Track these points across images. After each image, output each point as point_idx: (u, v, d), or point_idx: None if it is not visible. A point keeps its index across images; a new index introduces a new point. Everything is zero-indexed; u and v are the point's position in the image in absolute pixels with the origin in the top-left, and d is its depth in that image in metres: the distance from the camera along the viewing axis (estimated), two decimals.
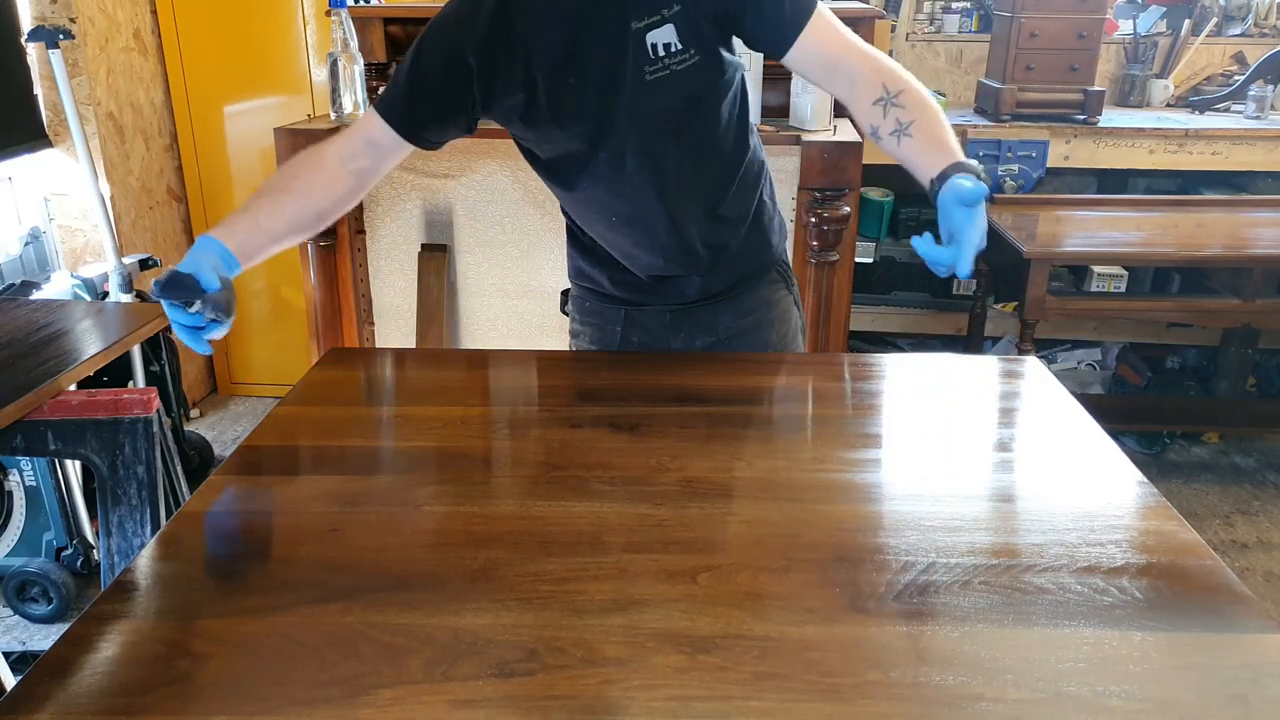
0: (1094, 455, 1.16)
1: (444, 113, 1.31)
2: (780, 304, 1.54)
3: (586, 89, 1.28)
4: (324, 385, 1.38)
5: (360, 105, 2.31)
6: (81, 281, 2.57)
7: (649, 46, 1.25)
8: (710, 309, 1.50)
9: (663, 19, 1.24)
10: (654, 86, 1.27)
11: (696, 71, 1.28)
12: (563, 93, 1.28)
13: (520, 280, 2.43)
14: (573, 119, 1.30)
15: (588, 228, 1.46)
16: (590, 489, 1.07)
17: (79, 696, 0.76)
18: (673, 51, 1.26)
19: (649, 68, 1.26)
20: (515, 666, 0.79)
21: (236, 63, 3.16)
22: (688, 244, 1.42)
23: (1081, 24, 2.87)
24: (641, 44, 1.25)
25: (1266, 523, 2.76)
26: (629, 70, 1.26)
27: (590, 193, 1.39)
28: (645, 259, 1.44)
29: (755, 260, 1.51)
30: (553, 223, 2.37)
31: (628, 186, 1.35)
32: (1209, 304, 2.67)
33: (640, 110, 1.29)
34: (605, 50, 1.26)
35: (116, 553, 1.60)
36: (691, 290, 1.48)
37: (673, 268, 1.45)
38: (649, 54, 1.25)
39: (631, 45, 1.25)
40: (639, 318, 1.52)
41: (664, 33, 1.25)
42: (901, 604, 0.87)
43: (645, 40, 1.25)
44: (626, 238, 1.42)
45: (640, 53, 1.25)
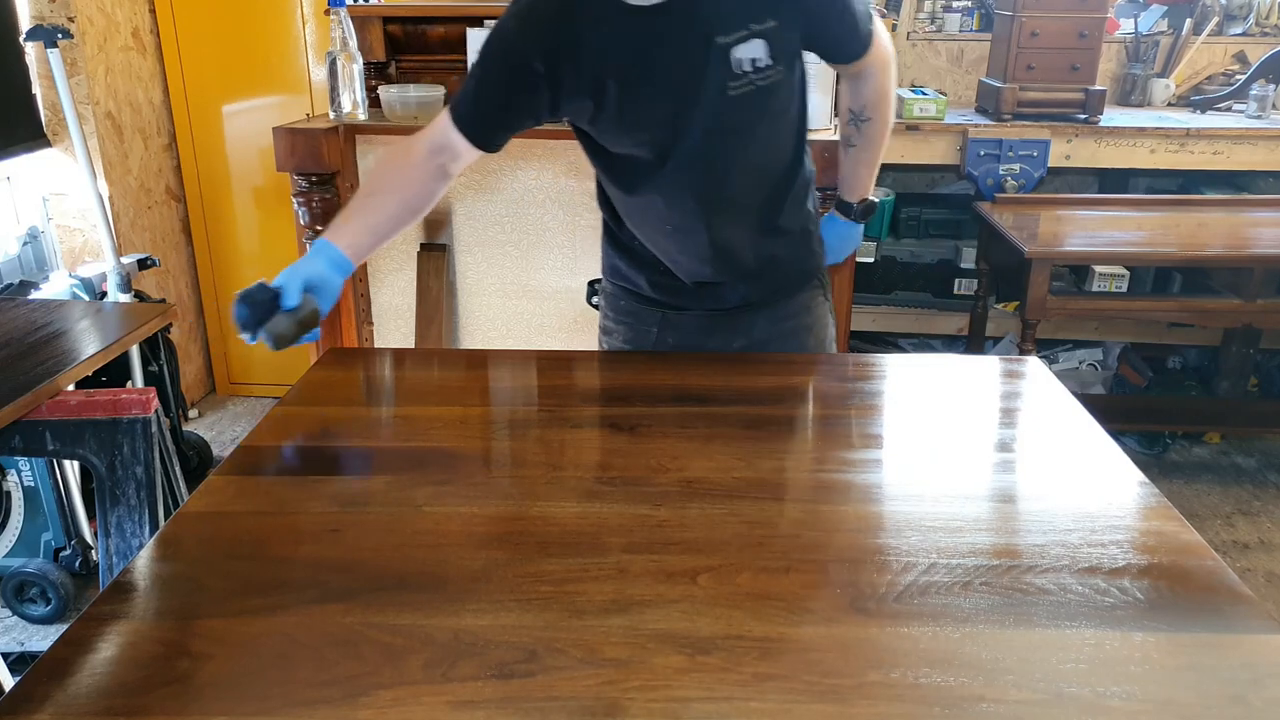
0: (1095, 455, 1.16)
1: (513, 119, 1.34)
2: (817, 310, 1.55)
3: (660, 100, 1.27)
4: (323, 385, 1.38)
5: (360, 104, 2.31)
6: (80, 281, 2.56)
7: (734, 61, 1.24)
8: (749, 314, 1.50)
9: (751, 34, 1.24)
10: (736, 101, 1.26)
11: (779, 86, 1.29)
12: (634, 102, 1.27)
13: (520, 280, 2.43)
14: (642, 128, 1.30)
15: (638, 231, 1.45)
16: (590, 489, 1.06)
17: (78, 697, 0.76)
18: (760, 67, 1.25)
19: (732, 83, 1.25)
20: (515, 667, 0.78)
21: (235, 62, 3.16)
22: (739, 255, 1.42)
23: (1083, 23, 2.87)
24: (726, 59, 1.24)
25: (1268, 523, 2.76)
26: (709, 85, 1.25)
27: (649, 199, 1.38)
28: (693, 266, 1.44)
29: (799, 268, 1.51)
30: (553, 222, 2.37)
31: (689, 198, 1.35)
32: (1210, 304, 2.67)
33: (717, 125, 1.28)
34: (683, 64, 1.24)
35: (115, 553, 1.60)
36: (734, 297, 1.48)
37: (720, 276, 1.45)
38: (733, 69, 1.24)
39: (714, 60, 1.23)
40: (675, 320, 1.52)
41: (752, 48, 1.24)
42: (902, 605, 0.86)
43: (730, 55, 1.24)
44: (677, 245, 1.41)
45: (723, 68, 1.24)
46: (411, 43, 2.51)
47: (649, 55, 1.25)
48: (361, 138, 2.34)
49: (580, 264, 2.38)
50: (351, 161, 2.35)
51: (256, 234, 3.36)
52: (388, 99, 2.31)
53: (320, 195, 2.29)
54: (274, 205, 3.30)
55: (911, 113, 2.96)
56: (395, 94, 2.30)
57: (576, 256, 2.39)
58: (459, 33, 2.34)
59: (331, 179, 2.30)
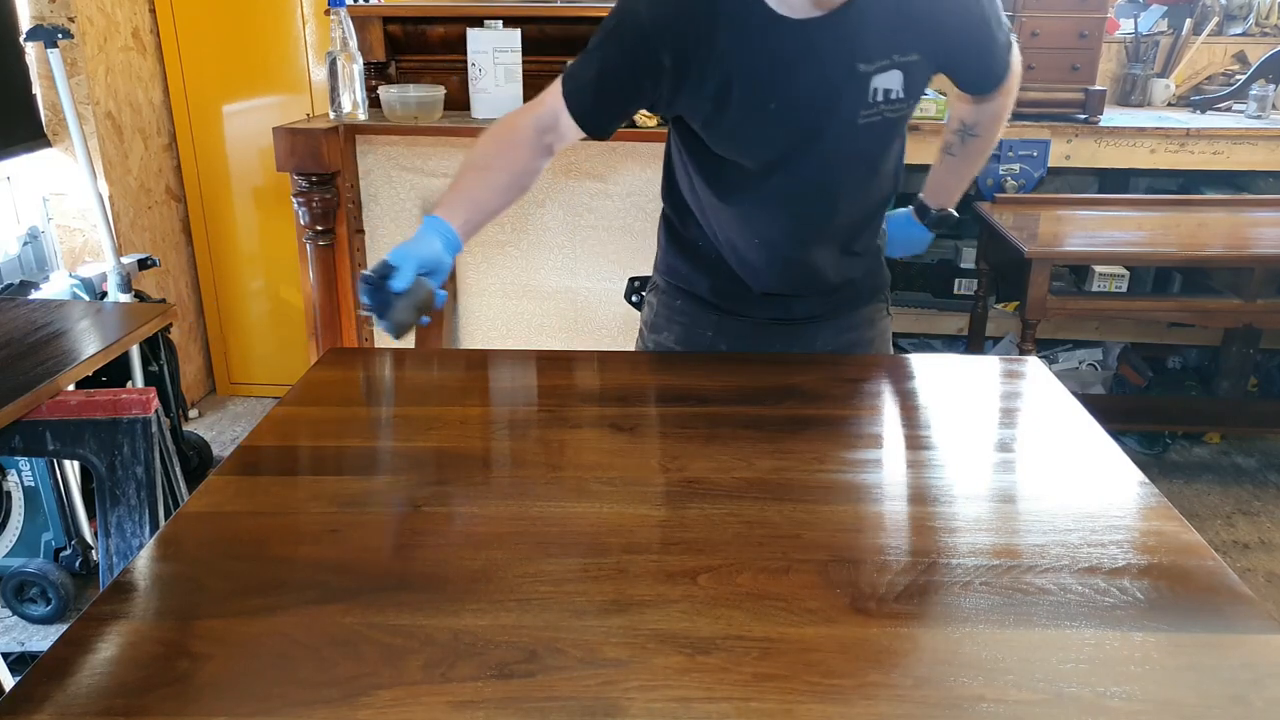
0: (1095, 455, 1.15)
1: (630, 108, 1.30)
2: (879, 323, 1.53)
3: (787, 118, 1.23)
4: (323, 385, 1.38)
5: (360, 104, 2.31)
6: (80, 281, 2.56)
7: (870, 90, 1.21)
8: (812, 326, 1.48)
9: (893, 64, 1.21)
10: (863, 131, 1.24)
11: (903, 119, 1.27)
12: (759, 115, 1.23)
13: (520, 280, 2.43)
14: (760, 142, 1.26)
15: (719, 234, 1.40)
16: (590, 489, 1.06)
17: (78, 697, 0.76)
18: (892, 99, 1.23)
19: (864, 111, 1.22)
20: (515, 668, 0.78)
21: (235, 62, 3.16)
22: (822, 273, 1.40)
23: (1083, 23, 2.87)
24: (864, 87, 1.21)
25: (1268, 523, 2.76)
26: (841, 110, 1.22)
27: (744, 210, 1.35)
28: (770, 279, 1.41)
29: (870, 285, 1.50)
30: (553, 222, 2.37)
31: (788, 216, 1.33)
32: (1210, 304, 2.67)
33: (838, 151, 1.26)
34: (819, 85, 1.21)
35: (115, 553, 1.60)
36: (802, 310, 1.46)
37: (795, 290, 1.43)
38: (868, 98, 1.22)
39: (851, 86, 1.21)
40: (734, 326, 1.48)
41: (890, 78, 1.22)
42: (902, 605, 0.86)
43: (869, 84, 1.21)
44: (760, 257, 1.38)
45: (859, 96, 1.21)
46: (411, 43, 2.51)
47: (786, 70, 1.20)
48: (361, 138, 2.34)
49: (580, 264, 2.38)
50: (351, 161, 2.35)
51: (256, 234, 3.37)
52: (388, 99, 2.31)
53: (320, 195, 2.29)
54: (274, 205, 3.30)
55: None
56: (395, 94, 2.30)
57: (576, 256, 2.39)
58: (459, 33, 2.34)
59: (331, 179, 2.30)
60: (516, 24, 2.31)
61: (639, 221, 2.32)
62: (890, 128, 1.27)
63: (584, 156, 2.29)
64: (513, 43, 2.27)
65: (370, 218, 2.41)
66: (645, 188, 2.29)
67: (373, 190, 2.39)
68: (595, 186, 2.32)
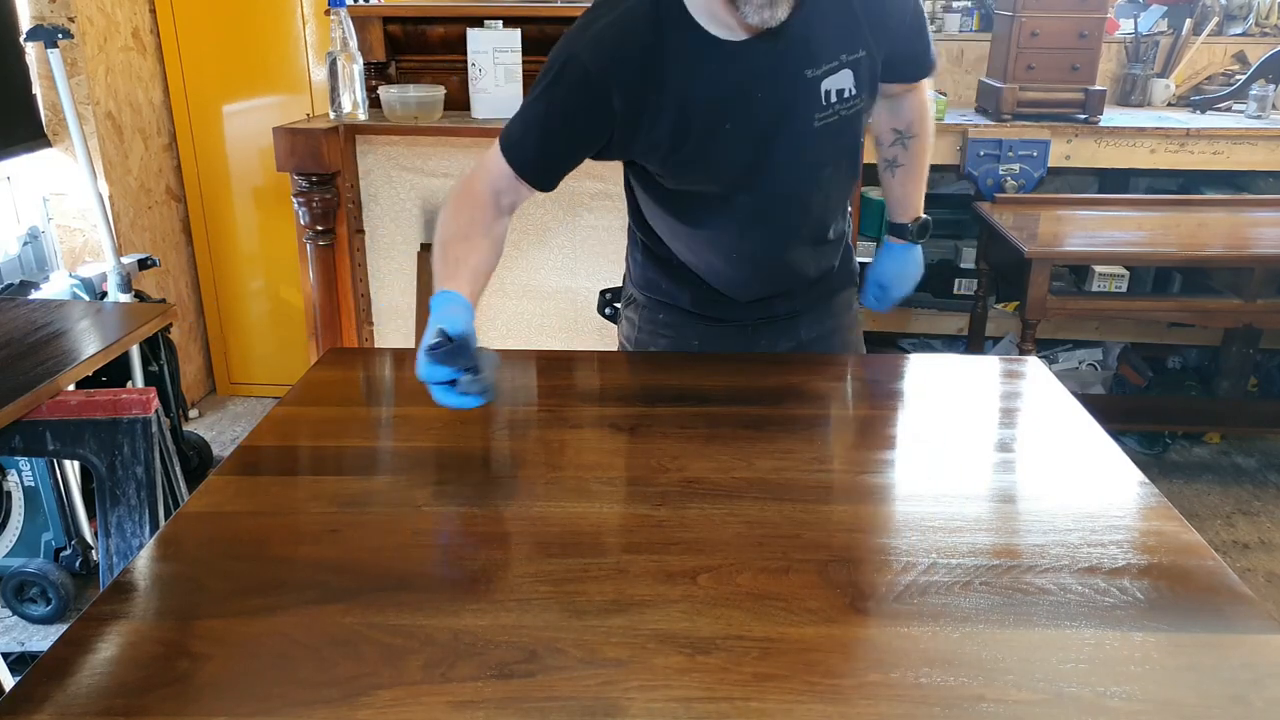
0: (1095, 455, 1.16)
1: (576, 157, 1.27)
2: (853, 308, 1.57)
3: (744, 137, 1.23)
4: (323, 385, 1.38)
5: (360, 105, 2.30)
6: (80, 281, 2.57)
7: (822, 93, 1.21)
8: (793, 320, 1.50)
9: (841, 64, 1.21)
10: (820, 133, 1.24)
11: (860, 114, 1.26)
12: (716, 141, 1.22)
13: (520, 280, 2.43)
14: (720, 166, 1.25)
15: (692, 256, 1.40)
16: (590, 489, 1.06)
17: (78, 697, 0.76)
18: (845, 97, 1.23)
19: (819, 114, 1.22)
20: (515, 668, 0.78)
21: (235, 62, 3.16)
22: (802, 270, 1.42)
23: (1083, 23, 2.87)
24: (815, 92, 1.21)
25: (1268, 523, 2.76)
26: (796, 118, 1.22)
27: (716, 232, 1.35)
28: (751, 286, 1.43)
29: (843, 270, 1.52)
30: (553, 222, 2.37)
31: (761, 228, 1.33)
32: (1210, 304, 2.67)
33: (799, 158, 1.26)
34: (771, 98, 1.20)
35: (115, 553, 1.60)
36: (784, 308, 1.47)
37: (778, 290, 1.44)
38: (820, 101, 1.22)
39: (802, 93, 1.21)
40: (719, 331, 1.49)
41: (841, 78, 1.22)
42: (902, 605, 0.86)
43: (820, 88, 1.21)
44: (739, 271, 1.39)
45: (812, 100, 1.21)
46: (411, 43, 2.51)
47: (736, 90, 1.19)
48: (361, 138, 2.34)
49: (580, 264, 2.38)
50: (351, 162, 2.35)
51: (256, 234, 3.37)
52: (388, 99, 2.31)
53: (320, 195, 2.29)
54: (274, 205, 3.30)
55: None
56: (395, 94, 2.30)
57: (576, 256, 2.39)
58: (459, 33, 2.34)
59: (331, 179, 2.30)
60: (516, 24, 2.31)
61: None
62: (848, 124, 1.26)
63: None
64: (513, 43, 2.27)
65: (370, 218, 2.41)
66: None
67: (373, 190, 2.39)
68: (595, 186, 2.32)
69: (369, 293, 2.47)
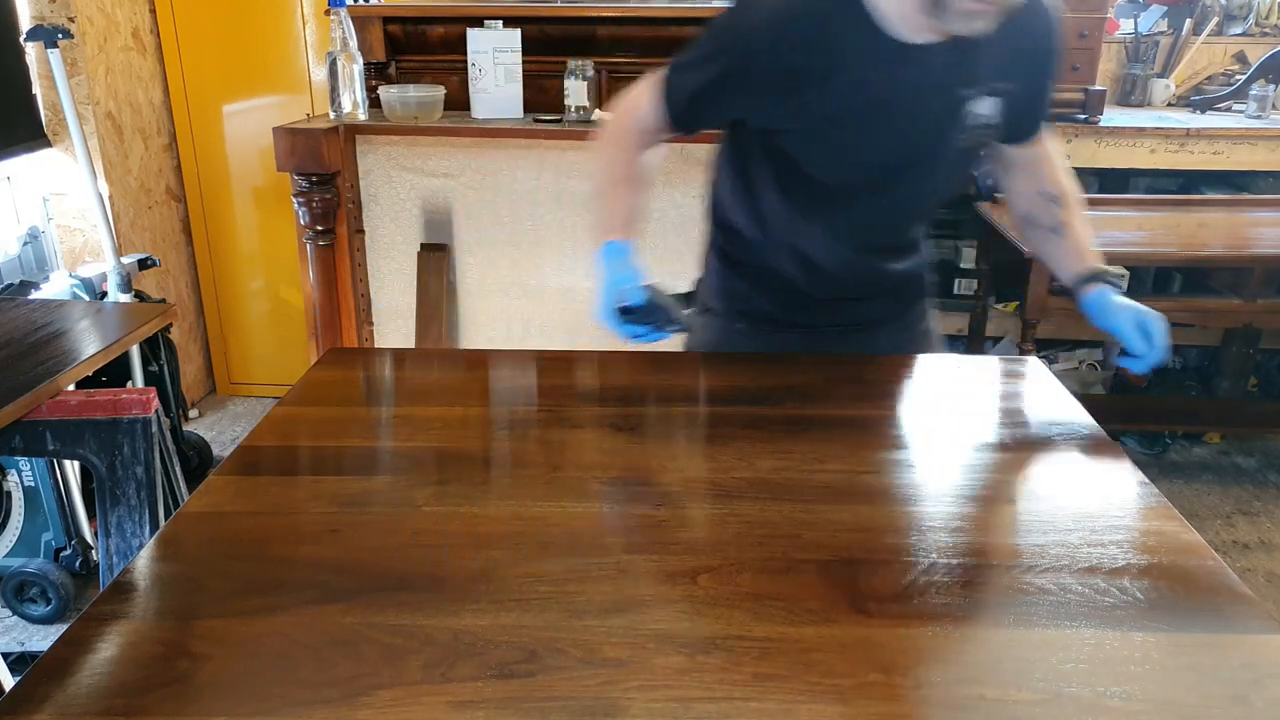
0: (1095, 455, 1.16)
1: (726, 116, 1.32)
2: (929, 318, 1.57)
3: (892, 139, 1.25)
4: (323, 385, 1.38)
5: (360, 105, 2.30)
6: (80, 281, 2.57)
7: (970, 115, 1.24)
8: (876, 328, 1.49)
9: (991, 91, 1.24)
10: (956, 155, 1.27)
11: (988, 143, 1.30)
12: (867, 135, 1.24)
13: (520, 280, 2.43)
14: (860, 164, 1.28)
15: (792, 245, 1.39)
16: (590, 489, 1.06)
17: (78, 697, 0.76)
18: (985, 125, 1.25)
19: (961, 136, 1.25)
20: (515, 668, 0.78)
21: (236, 62, 3.16)
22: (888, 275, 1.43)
23: (1083, 23, 2.87)
24: (962, 112, 1.24)
25: (1268, 523, 2.76)
26: (943, 134, 1.25)
27: (827, 226, 1.35)
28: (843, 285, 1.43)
29: (922, 279, 1.52)
30: (553, 222, 2.37)
31: (866, 234, 1.36)
32: (1210, 304, 2.67)
33: (930, 174, 1.29)
34: (926, 112, 1.23)
35: (115, 553, 1.60)
36: (868, 313, 1.47)
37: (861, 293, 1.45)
38: (964, 123, 1.24)
39: (953, 112, 1.23)
40: (798, 340, 1.48)
41: (987, 104, 1.24)
42: (902, 605, 0.86)
43: (968, 109, 1.23)
44: (835, 266, 1.40)
45: (958, 120, 1.24)
46: (411, 43, 2.51)
47: (895, 93, 1.21)
48: (361, 138, 2.34)
49: (580, 264, 2.38)
50: (351, 161, 2.35)
51: (256, 234, 3.37)
52: (388, 99, 2.31)
53: (320, 195, 2.29)
54: (274, 205, 3.30)
55: None
56: (395, 94, 2.30)
57: (576, 256, 2.39)
58: (459, 33, 2.34)
59: (331, 179, 2.30)
60: (516, 24, 2.31)
61: None
62: (978, 149, 1.31)
63: (584, 156, 2.29)
64: (513, 43, 2.27)
65: (370, 218, 2.41)
66: None
67: (373, 190, 2.39)
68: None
69: (369, 293, 2.47)
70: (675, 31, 2.42)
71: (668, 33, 2.43)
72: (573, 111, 2.27)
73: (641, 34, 2.45)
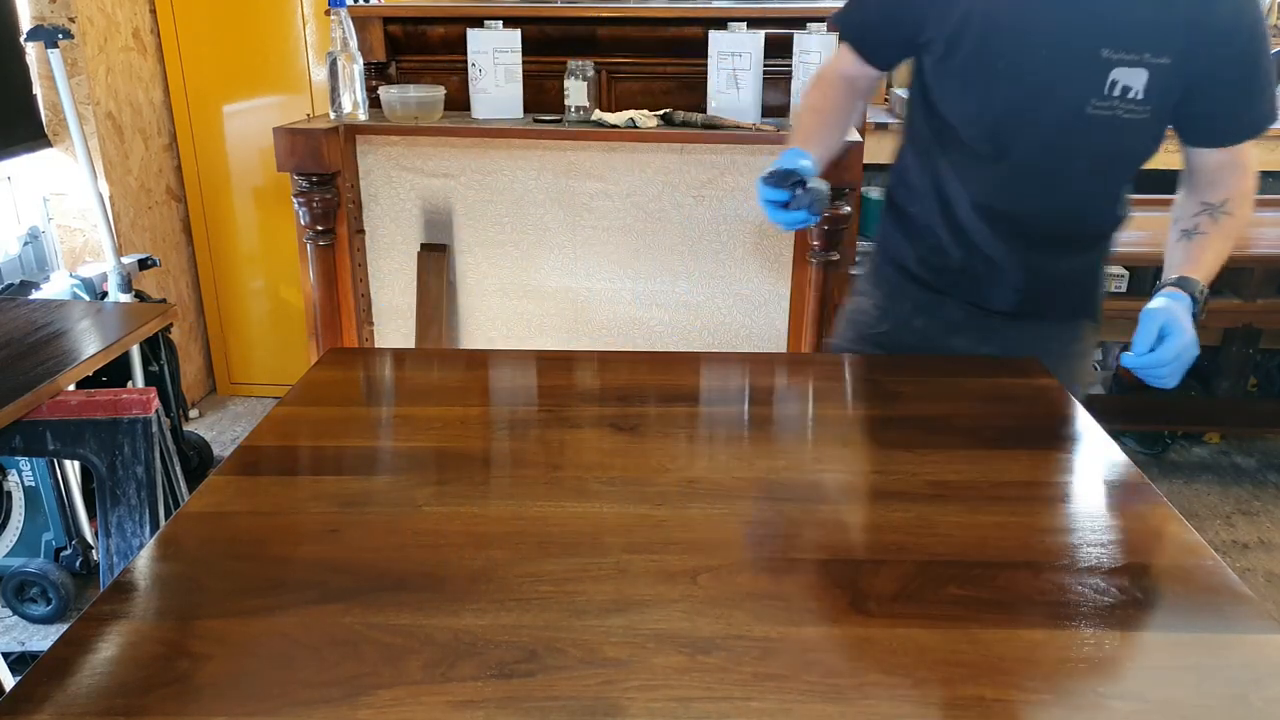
0: (1094, 455, 1.16)
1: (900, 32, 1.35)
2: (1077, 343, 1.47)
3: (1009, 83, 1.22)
4: (323, 385, 1.38)
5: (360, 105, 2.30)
6: (80, 281, 2.57)
7: (1108, 81, 1.18)
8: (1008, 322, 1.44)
9: (1140, 61, 1.16)
10: (1090, 122, 1.21)
11: (1141, 127, 1.21)
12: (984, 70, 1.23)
13: (520, 280, 2.43)
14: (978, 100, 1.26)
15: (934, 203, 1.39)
16: (590, 489, 1.06)
17: (78, 697, 0.76)
18: (1130, 97, 1.18)
19: (1095, 100, 1.19)
20: (515, 667, 0.79)
21: (236, 62, 3.16)
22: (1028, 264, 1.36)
23: None
24: (1102, 76, 1.18)
25: (1267, 523, 2.76)
26: (1071, 92, 1.20)
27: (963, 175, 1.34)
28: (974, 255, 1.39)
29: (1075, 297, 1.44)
30: (553, 222, 2.37)
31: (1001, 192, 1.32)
32: (1210, 304, 2.66)
33: (1058, 137, 1.24)
34: (1052, 62, 1.19)
35: (115, 553, 1.60)
36: (1000, 300, 1.42)
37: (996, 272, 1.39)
38: (1103, 89, 1.18)
39: (1086, 71, 1.18)
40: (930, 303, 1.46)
41: (1133, 75, 1.17)
42: (902, 605, 0.86)
43: (1108, 74, 1.18)
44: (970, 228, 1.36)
45: (1093, 83, 1.18)
46: (412, 43, 2.52)
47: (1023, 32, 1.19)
48: (361, 138, 2.34)
49: (580, 264, 2.38)
50: (352, 161, 2.35)
51: (256, 234, 3.37)
52: (388, 99, 2.31)
53: (320, 195, 2.29)
54: (274, 205, 3.30)
55: None
56: (395, 94, 2.30)
57: (576, 256, 2.39)
58: (459, 33, 2.34)
59: (332, 179, 2.30)
60: (516, 24, 2.31)
61: (639, 221, 2.32)
62: (1126, 131, 1.21)
63: (584, 156, 2.29)
64: (513, 43, 2.27)
65: (370, 218, 2.41)
66: (645, 188, 2.30)
67: (373, 190, 2.39)
68: (595, 186, 2.32)
69: (369, 293, 2.47)
70: (675, 32, 2.42)
71: (668, 33, 2.43)
72: (573, 111, 2.27)
73: (641, 34, 2.45)
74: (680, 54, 2.43)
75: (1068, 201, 1.32)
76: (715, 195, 2.27)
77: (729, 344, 2.38)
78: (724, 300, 2.35)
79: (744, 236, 2.28)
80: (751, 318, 2.36)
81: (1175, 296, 1.23)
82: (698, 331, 2.39)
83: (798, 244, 2.26)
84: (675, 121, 2.20)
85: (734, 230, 2.29)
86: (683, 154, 2.26)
